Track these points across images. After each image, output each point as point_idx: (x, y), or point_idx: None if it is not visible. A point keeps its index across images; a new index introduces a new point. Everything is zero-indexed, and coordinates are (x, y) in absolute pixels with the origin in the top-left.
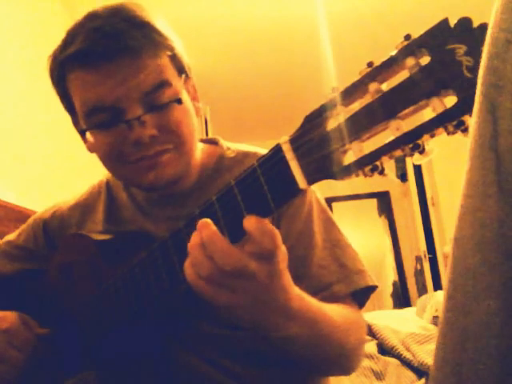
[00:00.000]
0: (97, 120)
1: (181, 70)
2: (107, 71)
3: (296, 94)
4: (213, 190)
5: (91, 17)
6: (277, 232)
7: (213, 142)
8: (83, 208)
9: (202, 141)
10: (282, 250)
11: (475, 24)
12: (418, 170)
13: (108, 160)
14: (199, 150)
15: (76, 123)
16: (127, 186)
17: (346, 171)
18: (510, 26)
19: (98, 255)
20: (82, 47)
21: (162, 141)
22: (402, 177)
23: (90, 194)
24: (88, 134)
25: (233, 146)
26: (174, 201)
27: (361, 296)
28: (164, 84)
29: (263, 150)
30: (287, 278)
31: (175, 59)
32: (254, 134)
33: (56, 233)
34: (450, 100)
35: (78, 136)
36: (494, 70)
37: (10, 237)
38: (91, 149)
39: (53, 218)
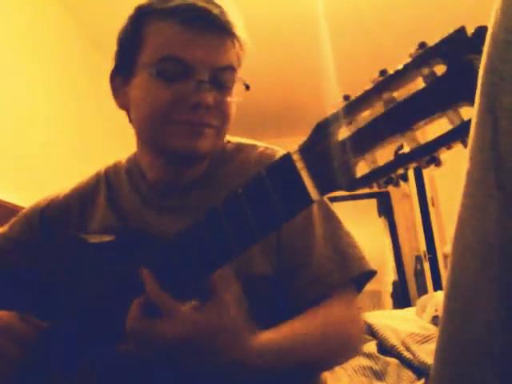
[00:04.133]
0: (168, 68)
1: (239, 64)
2: (199, 34)
3: (296, 93)
4: (215, 181)
5: None
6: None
7: None
8: (82, 198)
9: None
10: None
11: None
12: (417, 170)
13: (157, 114)
14: None
15: (121, 72)
16: (132, 177)
17: (360, 183)
18: (510, 27)
19: (97, 257)
20: (192, 6)
21: (212, 115)
22: (402, 177)
23: (87, 184)
24: (141, 84)
25: (232, 139)
26: (178, 191)
27: (360, 281)
28: (233, 68)
29: (260, 144)
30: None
31: (240, 58)
32: (254, 134)
33: (54, 222)
34: (467, 110)
35: (79, 136)
36: (494, 70)
37: (1, 230)
38: (125, 105)
39: (49, 207)
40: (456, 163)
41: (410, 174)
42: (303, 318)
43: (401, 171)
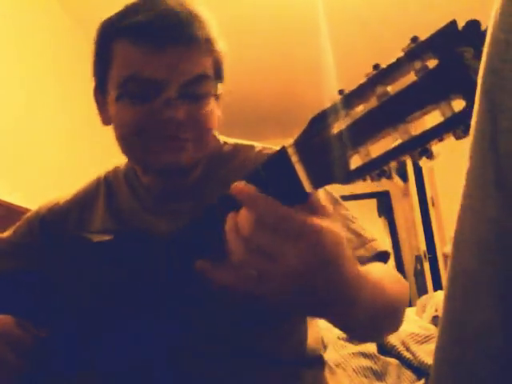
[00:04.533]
0: (134, 89)
1: (218, 73)
2: (162, 50)
3: (296, 93)
4: (213, 183)
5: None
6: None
7: None
8: (81, 203)
9: None
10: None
11: (483, 27)
12: (418, 170)
13: (130, 134)
14: None
15: (99, 91)
16: (129, 181)
17: (353, 176)
18: (510, 27)
19: (97, 256)
20: (147, 22)
21: (188, 129)
22: (402, 177)
23: (87, 189)
24: (112, 104)
25: (228, 140)
26: (176, 195)
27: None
28: (205, 77)
29: (258, 144)
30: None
31: (217, 62)
32: (254, 134)
33: (53, 227)
34: (458, 103)
35: (78, 136)
36: (494, 70)
37: (4, 234)
38: (108, 121)
39: (50, 212)
40: (456, 163)
41: (410, 174)
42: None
43: (394, 164)
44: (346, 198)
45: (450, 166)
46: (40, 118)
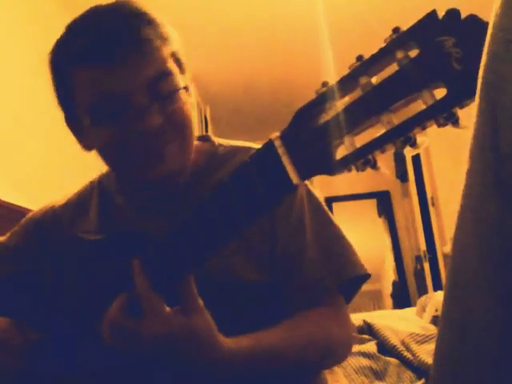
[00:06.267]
0: (103, 112)
1: (180, 66)
2: (114, 65)
3: (296, 93)
4: (207, 185)
5: (95, 13)
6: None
7: (204, 139)
8: (74, 208)
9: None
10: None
11: (463, 15)
12: (418, 169)
13: (112, 155)
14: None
15: (71, 120)
16: (124, 186)
17: (339, 166)
18: (510, 26)
19: (94, 255)
20: (90, 44)
21: (167, 130)
22: (402, 177)
23: (81, 193)
24: (89, 130)
25: (224, 142)
26: (170, 198)
27: (353, 285)
28: (168, 73)
29: (255, 145)
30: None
31: (176, 56)
32: (254, 134)
33: (48, 233)
34: (440, 92)
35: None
36: (494, 70)
37: (1, 239)
38: (90, 146)
39: (45, 218)
40: (456, 163)
41: (410, 174)
42: (287, 324)
43: (378, 152)
44: (346, 198)
45: (450, 166)
46: (40, 118)
